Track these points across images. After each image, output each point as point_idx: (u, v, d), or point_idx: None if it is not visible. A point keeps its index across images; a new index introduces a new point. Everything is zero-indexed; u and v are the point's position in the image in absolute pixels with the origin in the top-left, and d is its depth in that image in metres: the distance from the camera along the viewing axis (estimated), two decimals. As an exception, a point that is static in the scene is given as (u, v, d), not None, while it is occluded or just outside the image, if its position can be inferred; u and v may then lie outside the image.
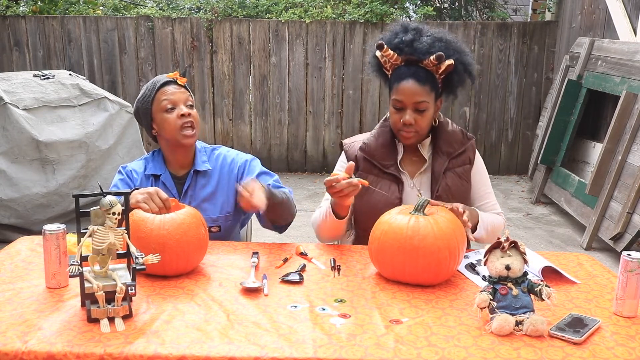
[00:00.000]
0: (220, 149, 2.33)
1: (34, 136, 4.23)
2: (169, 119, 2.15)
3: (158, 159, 2.26)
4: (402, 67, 2.06)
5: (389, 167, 2.15)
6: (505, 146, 6.98)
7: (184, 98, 2.18)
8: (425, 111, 2.05)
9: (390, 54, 2.03)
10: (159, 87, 2.17)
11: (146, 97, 2.20)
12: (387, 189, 2.12)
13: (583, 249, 4.64)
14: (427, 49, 2.01)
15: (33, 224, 4.24)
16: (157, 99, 2.17)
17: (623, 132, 4.56)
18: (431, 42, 2.02)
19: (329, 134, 6.91)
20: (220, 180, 2.25)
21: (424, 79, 2.02)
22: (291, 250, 2.05)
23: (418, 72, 2.03)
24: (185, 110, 2.15)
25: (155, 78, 2.24)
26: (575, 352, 1.40)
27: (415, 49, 2.02)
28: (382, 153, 2.16)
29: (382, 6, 6.57)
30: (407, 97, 2.03)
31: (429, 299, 1.67)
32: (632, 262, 1.57)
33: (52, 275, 1.69)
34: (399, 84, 2.04)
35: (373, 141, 2.19)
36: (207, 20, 6.64)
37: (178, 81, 2.20)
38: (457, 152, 2.17)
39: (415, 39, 2.03)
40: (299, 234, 4.89)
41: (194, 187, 2.23)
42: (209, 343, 1.41)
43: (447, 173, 2.15)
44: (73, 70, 6.15)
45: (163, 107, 2.15)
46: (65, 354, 1.36)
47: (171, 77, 2.20)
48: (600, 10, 5.60)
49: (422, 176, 2.18)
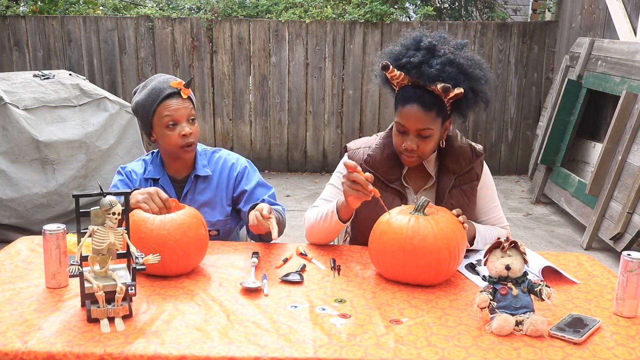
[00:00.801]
0: (221, 152, 2.30)
1: (34, 136, 4.23)
2: (169, 136, 2.10)
3: (157, 161, 2.24)
4: (408, 87, 1.92)
5: (393, 181, 2.07)
6: (505, 146, 6.98)
7: (187, 113, 2.10)
8: (429, 137, 1.93)
9: (396, 74, 1.89)
10: (162, 100, 2.09)
11: (147, 106, 2.11)
12: (389, 203, 1.97)
13: (583, 249, 4.64)
14: (436, 75, 1.85)
15: (33, 224, 4.24)
16: (158, 112, 2.09)
17: (623, 132, 4.56)
18: (441, 68, 1.85)
19: (329, 134, 6.91)
20: (219, 185, 2.24)
21: (430, 104, 1.88)
22: (291, 250, 2.05)
23: (424, 96, 1.88)
24: (187, 129, 2.09)
25: (157, 83, 2.12)
26: (575, 352, 1.40)
27: (422, 74, 1.87)
28: (387, 167, 2.06)
29: (382, 6, 6.57)
30: (411, 123, 1.91)
31: (429, 299, 1.67)
32: (632, 262, 1.57)
33: (52, 275, 1.68)
34: (403, 108, 1.92)
35: (378, 153, 2.08)
36: (207, 20, 6.64)
37: (182, 93, 2.10)
38: (465, 170, 2.07)
39: (425, 61, 1.88)
40: (299, 234, 4.89)
41: (193, 191, 2.22)
42: (209, 343, 1.41)
43: (453, 191, 2.06)
44: (73, 70, 6.15)
45: (164, 122, 2.09)
46: (65, 354, 1.36)
47: (175, 86, 2.10)
48: (600, 10, 5.60)
49: (427, 193, 2.10)
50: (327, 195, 2.17)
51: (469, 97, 1.91)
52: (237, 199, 2.25)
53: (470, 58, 1.93)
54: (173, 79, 2.13)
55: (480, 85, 1.93)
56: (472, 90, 1.91)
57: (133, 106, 2.18)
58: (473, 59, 1.94)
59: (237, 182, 2.25)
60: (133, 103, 2.18)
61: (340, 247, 2.13)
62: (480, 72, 1.93)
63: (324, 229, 2.04)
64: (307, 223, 2.11)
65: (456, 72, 1.87)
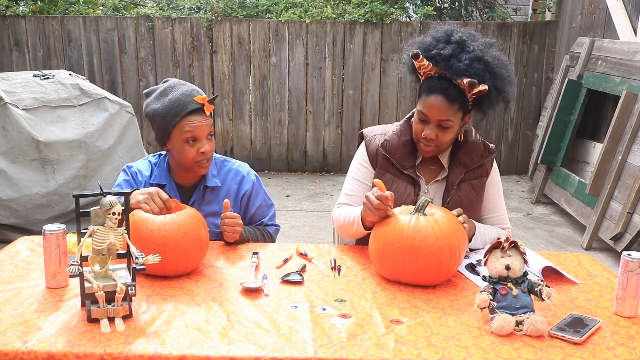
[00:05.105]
0: (230, 163, 2.27)
1: (34, 136, 4.23)
2: (188, 151, 2.05)
3: (163, 166, 2.20)
4: (434, 78, 1.96)
5: (407, 168, 2.09)
6: (505, 146, 6.98)
7: (207, 131, 2.07)
8: (449, 128, 1.97)
9: (425, 64, 1.94)
10: (185, 115, 2.02)
11: (168, 118, 2.04)
12: (402, 190, 2.06)
13: (583, 249, 4.64)
14: (464, 70, 1.90)
15: (33, 224, 4.24)
16: (180, 126, 2.03)
17: (623, 132, 4.56)
18: (469, 63, 1.90)
19: (329, 134, 6.91)
20: (228, 197, 2.19)
21: (453, 98, 1.93)
22: (291, 250, 2.05)
23: (449, 89, 1.93)
24: (207, 147, 2.06)
25: (181, 95, 2.04)
26: (575, 352, 1.40)
27: (450, 67, 1.91)
28: (403, 153, 2.09)
29: (382, 6, 6.57)
30: (433, 113, 1.95)
31: (429, 299, 1.67)
32: (632, 262, 1.57)
33: (52, 275, 1.68)
34: (428, 97, 1.96)
35: (395, 139, 2.11)
36: (207, 20, 6.64)
37: (205, 110, 2.05)
38: (476, 165, 2.10)
39: (454, 54, 1.92)
40: (299, 234, 4.89)
41: (200, 201, 2.18)
42: (209, 343, 1.41)
43: (462, 184, 2.09)
44: (73, 70, 6.14)
45: (185, 137, 2.04)
46: (65, 354, 1.36)
47: (199, 102, 2.04)
48: (601, 10, 5.60)
49: (438, 184, 2.12)
50: (349, 189, 2.18)
51: (492, 95, 1.96)
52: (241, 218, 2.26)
53: (497, 57, 1.99)
54: (196, 92, 2.06)
55: (504, 85, 1.98)
56: (496, 88, 1.96)
57: (149, 112, 2.09)
58: (500, 59, 2.00)
59: (244, 202, 2.26)
60: (149, 109, 2.09)
61: (341, 247, 2.13)
62: (505, 72, 1.98)
63: (351, 232, 2.07)
64: (336, 224, 2.16)
65: (483, 69, 1.92)
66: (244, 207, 2.26)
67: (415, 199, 2.06)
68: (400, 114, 6.65)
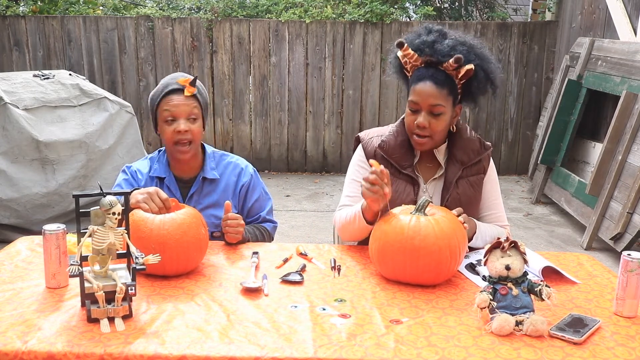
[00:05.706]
0: (229, 157, 2.32)
1: (34, 136, 4.23)
2: (166, 131, 2.12)
3: (163, 160, 2.24)
4: (421, 68, 2.02)
5: (406, 167, 2.10)
6: (505, 146, 6.98)
7: (187, 111, 2.10)
8: (440, 115, 2.00)
9: (410, 53, 2.00)
10: (165, 94, 2.11)
11: (153, 99, 2.16)
12: (402, 189, 2.07)
13: (583, 249, 4.64)
14: (448, 51, 1.96)
15: (33, 224, 4.24)
16: (160, 106, 2.12)
17: (623, 132, 4.56)
18: (453, 45, 1.97)
19: (329, 134, 6.91)
20: (226, 189, 2.24)
21: (442, 82, 1.97)
22: (291, 250, 2.05)
23: (437, 74, 1.98)
24: (183, 126, 2.09)
25: (168, 79, 2.16)
26: (575, 352, 1.40)
27: (435, 50, 1.97)
28: (400, 153, 2.11)
29: (382, 6, 6.57)
30: (423, 99, 1.99)
31: (429, 299, 1.67)
32: (632, 262, 1.57)
33: (52, 275, 1.68)
34: (416, 85, 2.00)
35: (392, 139, 2.13)
36: (207, 20, 6.63)
37: (186, 90, 2.10)
38: (472, 162, 2.12)
39: (437, 40, 1.99)
40: (299, 234, 4.89)
41: (199, 193, 2.22)
42: (209, 343, 1.41)
43: (460, 182, 2.10)
44: (73, 70, 6.14)
45: (164, 117, 2.12)
46: (65, 354, 1.36)
47: (181, 83, 2.11)
48: (601, 10, 5.60)
49: (436, 182, 2.13)
50: (350, 191, 2.19)
51: (480, 76, 2.00)
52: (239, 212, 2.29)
53: (479, 42, 2.07)
54: (181, 76, 2.14)
55: (491, 66, 2.03)
56: (483, 69, 2.01)
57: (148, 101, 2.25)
58: (482, 43, 2.08)
59: (242, 194, 2.28)
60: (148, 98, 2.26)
61: (341, 247, 2.13)
62: (489, 54, 2.06)
63: (353, 230, 2.06)
64: (338, 225, 2.15)
65: (467, 50, 1.99)
66: (242, 199, 2.28)
67: (415, 198, 2.07)
68: (400, 114, 6.61)
